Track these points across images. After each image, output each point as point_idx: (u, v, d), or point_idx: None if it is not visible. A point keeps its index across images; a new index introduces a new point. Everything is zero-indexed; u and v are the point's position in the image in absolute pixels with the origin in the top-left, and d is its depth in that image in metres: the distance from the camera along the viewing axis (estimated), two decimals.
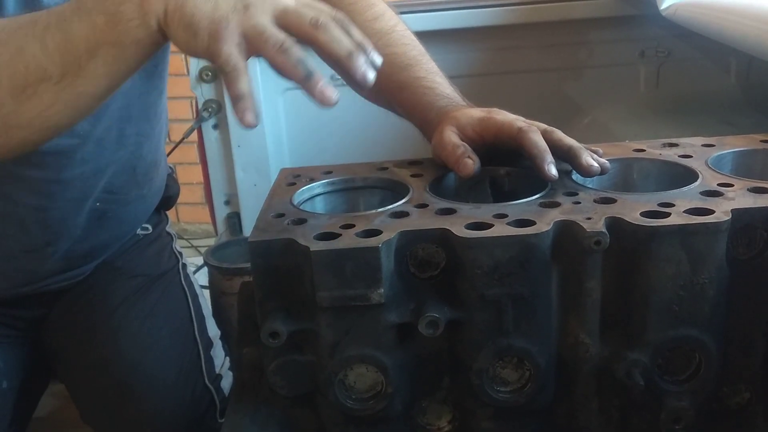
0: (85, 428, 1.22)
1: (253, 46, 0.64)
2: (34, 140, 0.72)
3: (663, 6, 1.32)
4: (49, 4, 0.88)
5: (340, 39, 0.66)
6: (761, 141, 0.87)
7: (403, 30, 0.97)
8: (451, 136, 0.81)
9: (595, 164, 0.76)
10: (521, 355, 0.69)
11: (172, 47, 1.15)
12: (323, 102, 0.64)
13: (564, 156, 0.77)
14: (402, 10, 1.02)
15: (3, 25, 0.68)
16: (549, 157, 0.75)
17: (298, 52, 0.64)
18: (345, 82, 1.04)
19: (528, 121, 0.81)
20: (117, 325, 1.16)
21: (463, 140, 0.81)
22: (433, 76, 0.92)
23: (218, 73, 0.65)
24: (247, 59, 0.65)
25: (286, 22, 0.65)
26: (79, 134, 1.00)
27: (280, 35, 0.64)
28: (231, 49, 0.63)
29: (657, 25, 1.41)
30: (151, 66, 1.07)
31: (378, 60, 0.67)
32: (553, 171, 0.74)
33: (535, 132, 0.77)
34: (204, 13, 0.63)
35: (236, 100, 0.64)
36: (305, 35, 0.65)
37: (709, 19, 1.22)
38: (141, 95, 1.07)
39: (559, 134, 0.79)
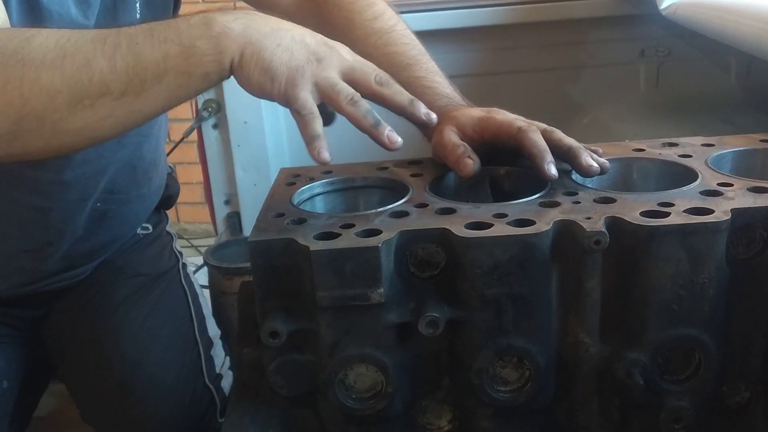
0: (85, 428, 1.22)
1: (325, 95, 0.72)
2: (76, 147, 0.76)
3: (663, 5, 1.32)
4: (49, 6, 0.88)
5: (400, 91, 0.76)
6: (761, 140, 0.87)
7: (402, 29, 0.97)
8: (450, 135, 0.81)
9: (595, 164, 0.76)
10: (521, 355, 0.69)
11: None
12: (391, 147, 0.73)
13: (563, 156, 0.77)
14: (402, 9, 1.02)
15: (69, 36, 0.69)
16: (549, 157, 0.75)
17: (365, 104, 0.73)
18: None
19: (528, 120, 0.81)
20: (117, 325, 1.16)
21: (462, 140, 0.81)
22: (433, 75, 0.92)
23: (292, 115, 0.73)
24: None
25: (353, 78, 0.73)
26: None
27: (350, 89, 0.72)
28: (306, 95, 0.70)
29: (657, 24, 1.41)
30: None
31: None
32: (552, 171, 0.74)
33: (534, 131, 0.77)
34: (282, 60, 0.70)
35: (311, 140, 0.71)
36: (371, 90, 0.74)
37: (709, 18, 1.22)
38: None
39: (559, 134, 0.79)
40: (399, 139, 0.73)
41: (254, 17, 0.71)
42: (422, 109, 0.76)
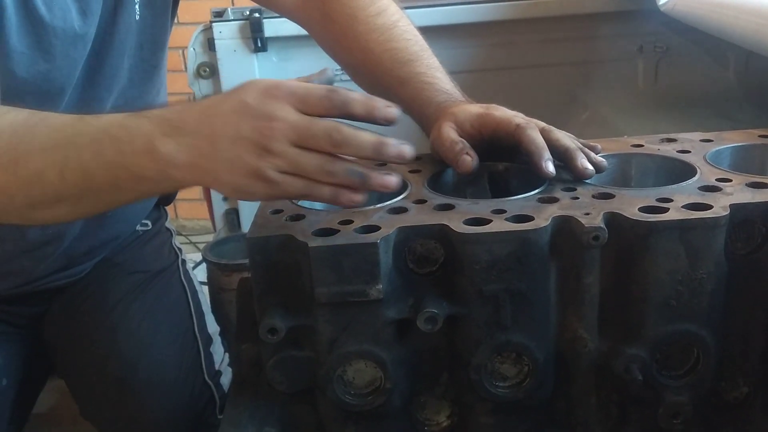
0: (84, 424, 1.22)
1: (294, 175, 0.65)
2: (46, 225, 0.76)
3: (661, 1, 1.32)
4: (52, 21, 0.88)
5: (361, 144, 0.65)
6: (759, 136, 0.87)
7: (405, 25, 0.96)
8: (449, 132, 0.81)
9: (590, 167, 0.76)
10: (520, 351, 0.69)
11: (170, 43, 1.15)
12: (389, 189, 0.67)
13: (560, 157, 0.77)
14: (403, 5, 1.01)
15: (21, 135, 0.68)
16: (546, 154, 0.75)
17: (339, 165, 0.65)
18: (351, 80, 1.03)
19: (526, 118, 0.81)
20: (117, 322, 1.16)
21: (461, 136, 0.81)
22: (434, 71, 0.92)
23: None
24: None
25: (307, 146, 0.65)
26: None
27: (314, 161, 0.64)
28: (276, 190, 0.65)
29: (655, 20, 1.41)
30: (150, 67, 1.07)
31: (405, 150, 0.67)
32: (550, 168, 0.74)
33: (533, 129, 0.77)
34: (230, 179, 0.65)
35: (339, 199, 0.66)
36: (331, 154, 0.65)
37: (707, 14, 1.22)
38: (139, 95, 1.07)
39: (557, 134, 0.78)
40: (394, 179, 0.66)
41: (194, 133, 0.66)
42: (391, 151, 0.65)
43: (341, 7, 0.98)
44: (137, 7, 0.99)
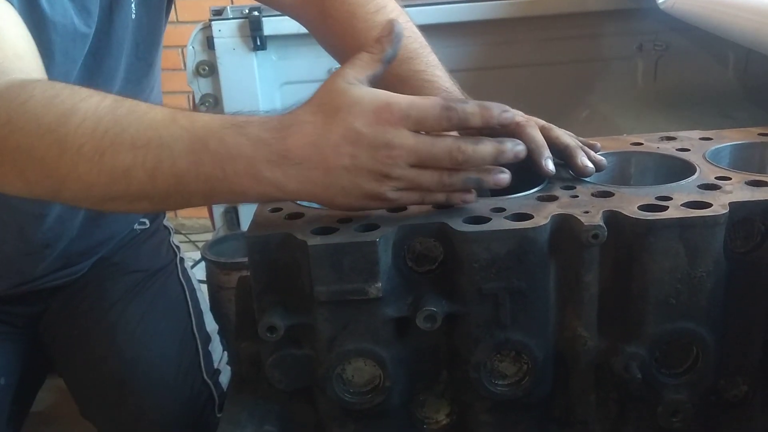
0: (83, 423, 1.22)
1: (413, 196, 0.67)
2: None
3: None
4: (53, 17, 0.88)
5: (482, 158, 0.65)
6: (759, 134, 0.87)
7: (404, 22, 0.96)
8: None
9: (590, 165, 0.76)
10: (519, 349, 0.69)
11: (165, 42, 1.15)
12: (499, 186, 0.68)
13: (560, 155, 0.77)
14: (401, 4, 1.01)
15: (106, 125, 0.65)
16: (546, 152, 0.75)
17: (457, 178, 0.66)
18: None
19: (526, 116, 0.81)
20: (115, 321, 1.16)
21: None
22: (433, 69, 0.92)
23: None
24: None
25: (427, 165, 0.65)
26: None
27: (432, 179, 0.65)
28: (400, 203, 0.66)
29: (655, 18, 1.41)
30: (146, 66, 1.07)
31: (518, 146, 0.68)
32: (550, 166, 0.74)
33: (532, 127, 0.77)
34: (346, 203, 0.66)
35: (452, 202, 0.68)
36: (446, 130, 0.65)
37: (706, 12, 1.22)
38: (135, 94, 1.07)
39: (557, 132, 0.78)
40: (506, 176, 0.67)
41: (303, 164, 0.64)
42: (509, 156, 0.66)
43: (340, 4, 0.98)
44: (133, 6, 0.99)
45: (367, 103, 0.63)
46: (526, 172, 0.78)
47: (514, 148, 0.67)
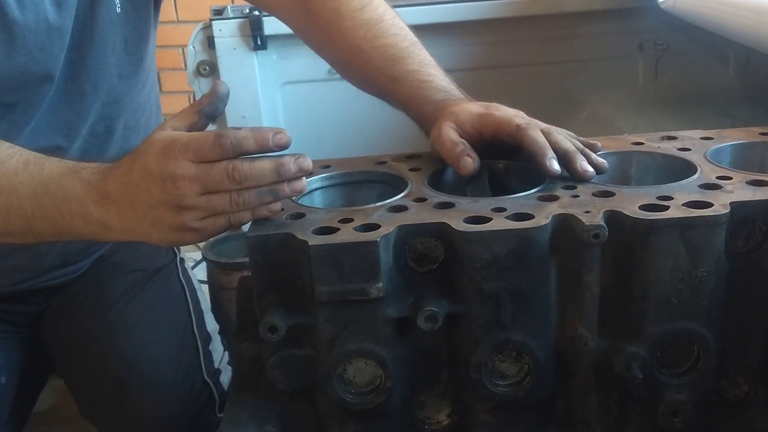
0: (84, 423, 1.22)
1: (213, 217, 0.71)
2: None
3: None
4: (24, 17, 0.88)
5: (260, 173, 0.69)
6: (760, 134, 0.87)
7: (391, 18, 0.96)
8: (450, 132, 0.81)
9: (590, 169, 0.76)
10: (520, 349, 0.69)
11: (166, 42, 1.14)
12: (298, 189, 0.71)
13: (560, 160, 0.76)
14: (398, 3, 1.01)
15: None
16: (550, 153, 0.75)
17: (248, 198, 0.69)
18: (341, 77, 1.03)
19: (527, 117, 0.81)
20: (115, 320, 1.16)
21: (462, 136, 0.81)
22: (427, 68, 0.91)
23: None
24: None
25: (214, 191, 0.69)
26: (66, 133, 1.00)
27: (227, 204, 0.69)
28: (214, 230, 0.71)
29: (655, 17, 1.41)
30: (136, 60, 1.06)
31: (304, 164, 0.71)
32: (555, 166, 0.74)
33: (534, 129, 0.77)
34: (158, 237, 0.72)
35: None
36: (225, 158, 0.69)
37: (707, 11, 1.22)
38: (127, 90, 1.07)
39: (557, 136, 0.78)
40: (302, 183, 0.71)
41: (117, 202, 0.72)
42: (291, 169, 0.69)
43: (324, 2, 0.97)
44: (117, 0, 0.99)
45: (158, 143, 0.70)
46: (526, 172, 0.78)
47: (297, 160, 0.69)
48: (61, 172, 0.76)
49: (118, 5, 0.99)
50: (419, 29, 0.97)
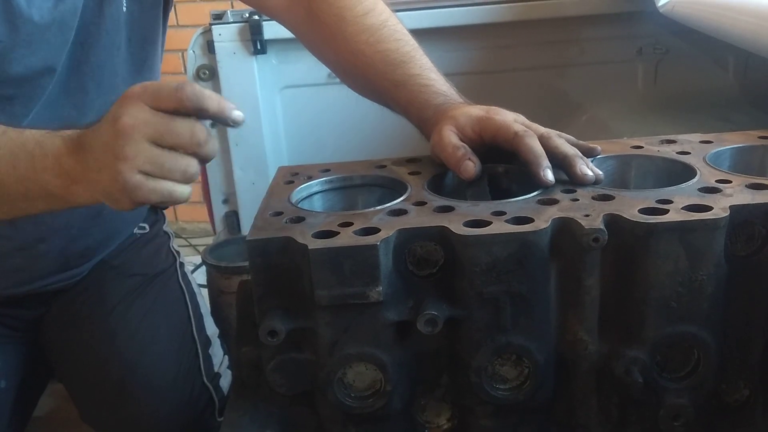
0: (84, 427, 1.22)
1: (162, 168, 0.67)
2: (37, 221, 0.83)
3: (660, 2, 1.32)
4: (30, 8, 0.88)
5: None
6: (759, 137, 0.87)
7: (394, 24, 0.96)
8: (450, 136, 0.81)
9: (590, 173, 0.75)
10: (520, 353, 0.69)
11: (166, 46, 1.15)
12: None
13: (559, 164, 0.77)
14: (399, 8, 1.01)
15: None
16: (545, 162, 0.75)
17: (195, 171, 0.68)
18: (341, 81, 1.03)
19: (527, 123, 0.81)
20: (115, 324, 1.16)
21: (462, 140, 0.81)
22: (428, 72, 0.91)
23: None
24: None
25: (167, 145, 0.67)
26: (64, 128, 1.00)
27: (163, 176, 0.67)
28: (146, 192, 0.66)
29: (654, 21, 1.41)
30: (139, 62, 1.07)
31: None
32: (549, 176, 0.74)
33: (531, 137, 0.77)
34: (111, 186, 0.68)
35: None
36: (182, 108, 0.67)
37: (706, 15, 1.22)
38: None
39: (556, 141, 0.78)
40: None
41: (88, 148, 0.70)
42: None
43: (328, 7, 0.97)
44: (124, 0, 0.99)
45: (131, 89, 0.67)
46: (526, 176, 0.78)
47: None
48: (44, 133, 0.74)
49: (125, 5, 0.99)
50: (419, 33, 0.97)
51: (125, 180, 0.65)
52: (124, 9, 1.00)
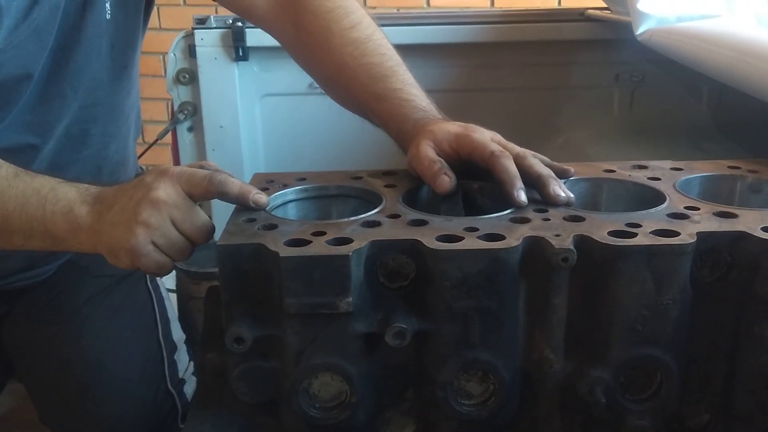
0: (42, 429, 1.19)
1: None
2: None
3: (639, 31, 1.34)
4: (39, 17, 0.87)
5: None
6: (729, 167, 0.89)
7: (379, 39, 0.97)
8: (427, 150, 0.82)
9: (562, 194, 0.76)
10: (486, 369, 0.69)
11: (146, 48, 1.14)
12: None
13: (533, 183, 0.78)
14: (384, 23, 1.02)
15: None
16: (519, 183, 0.76)
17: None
18: (323, 92, 1.03)
19: (503, 142, 0.82)
20: (80, 325, 1.14)
21: (439, 155, 0.82)
22: (410, 87, 0.92)
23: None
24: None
25: (183, 230, 0.75)
26: (41, 132, 0.99)
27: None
28: (149, 261, 0.74)
29: (632, 49, 1.44)
30: (120, 67, 1.06)
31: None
32: (522, 197, 0.75)
33: (506, 157, 0.78)
34: (120, 243, 0.74)
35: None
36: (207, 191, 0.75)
37: (683, 46, 1.25)
38: (108, 95, 1.06)
39: (531, 160, 0.79)
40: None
41: (105, 203, 0.76)
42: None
43: (315, 18, 0.98)
44: (108, 5, 0.98)
45: (162, 167, 0.76)
46: (500, 194, 0.79)
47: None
48: (58, 180, 0.79)
49: (109, 11, 0.99)
50: (403, 49, 0.98)
51: (138, 243, 0.72)
52: (108, 15, 0.99)
